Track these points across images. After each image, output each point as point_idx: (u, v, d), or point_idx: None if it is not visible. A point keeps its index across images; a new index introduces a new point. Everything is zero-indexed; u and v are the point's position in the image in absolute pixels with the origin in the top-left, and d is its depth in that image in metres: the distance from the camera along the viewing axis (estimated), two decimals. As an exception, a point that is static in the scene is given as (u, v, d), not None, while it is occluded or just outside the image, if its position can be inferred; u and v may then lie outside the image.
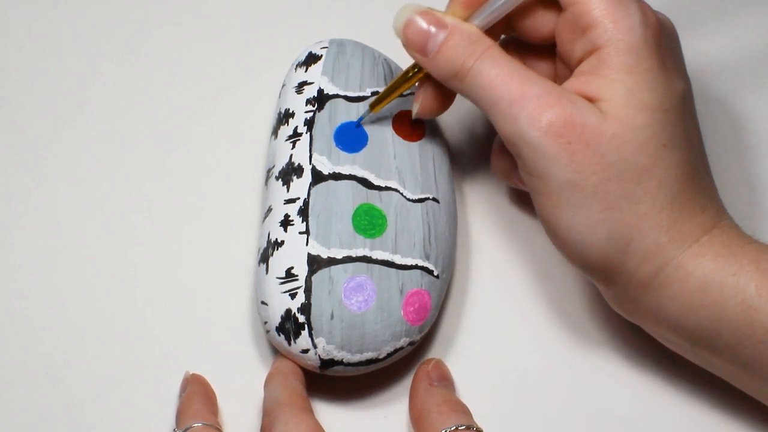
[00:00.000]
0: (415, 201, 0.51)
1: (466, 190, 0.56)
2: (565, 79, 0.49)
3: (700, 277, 0.46)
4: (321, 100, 0.53)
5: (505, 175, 0.54)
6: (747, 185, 0.56)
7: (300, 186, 0.51)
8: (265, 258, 0.50)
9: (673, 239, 0.46)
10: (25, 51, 0.60)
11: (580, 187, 0.46)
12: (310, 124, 0.52)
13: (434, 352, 0.52)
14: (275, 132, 0.54)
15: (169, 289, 0.53)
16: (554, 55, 0.51)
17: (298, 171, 0.51)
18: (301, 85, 0.54)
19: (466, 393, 0.51)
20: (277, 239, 0.50)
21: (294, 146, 0.52)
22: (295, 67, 0.55)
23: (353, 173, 0.51)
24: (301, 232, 0.49)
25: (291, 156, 0.52)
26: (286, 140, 0.52)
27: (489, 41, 0.48)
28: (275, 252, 0.49)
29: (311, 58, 0.55)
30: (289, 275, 0.49)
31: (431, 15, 0.49)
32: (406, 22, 0.49)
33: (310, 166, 0.51)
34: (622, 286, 0.48)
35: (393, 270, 0.49)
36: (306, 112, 0.53)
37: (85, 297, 0.53)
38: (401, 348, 0.49)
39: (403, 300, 0.49)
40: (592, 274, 0.48)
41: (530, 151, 0.46)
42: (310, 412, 0.48)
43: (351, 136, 0.52)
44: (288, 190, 0.51)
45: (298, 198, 0.50)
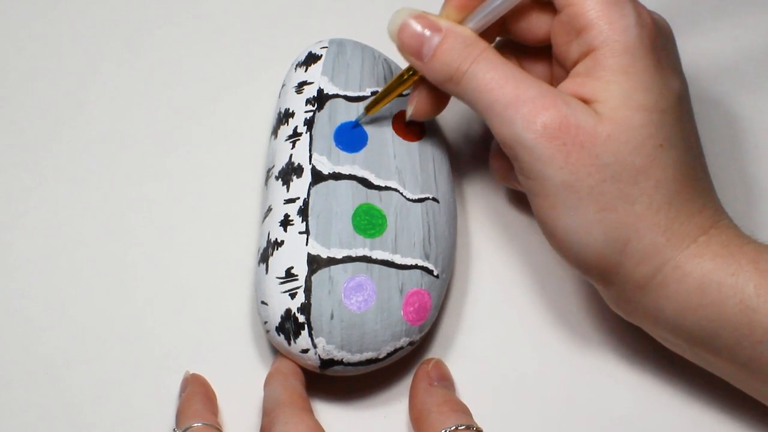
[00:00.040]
0: (415, 201, 0.51)
1: (466, 190, 0.56)
2: (561, 80, 0.49)
3: (698, 277, 0.46)
4: (321, 99, 0.53)
5: (504, 177, 0.54)
6: (745, 185, 0.56)
7: (300, 186, 0.51)
8: (265, 258, 0.50)
9: (671, 240, 0.46)
10: (25, 51, 0.60)
11: (575, 188, 0.46)
12: (310, 124, 0.52)
13: (434, 352, 0.52)
14: (275, 132, 0.54)
15: (169, 289, 0.53)
16: (550, 57, 0.51)
17: (298, 171, 0.51)
18: (301, 85, 0.54)
19: (466, 393, 0.51)
20: (277, 239, 0.50)
21: (294, 146, 0.52)
22: (295, 67, 0.55)
23: (353, 173, 0.51)
24: (300, 232, 0.49)
25: (291, 156, 0.52)
26: (286, 140, 0.52)
27: (484, 44, 0.48)
28: (275, 252, 0.49)
29: (311, 58, 0.55)
30: (289, 275, 0.49)
31: (426, 19, 0.48)
32: (401, 25, 0.49)
33: (310, 166, 0.51)
34: (620, 287, 0.48)
35: (393, 270, 0.49)
36: (306, 112, 0.53)
37: (85, 297, 0.53)
38: (401, 348, 0.49)
39: (403, 300, 0.49)
40: (590, 274, 0.48)
41: (526, 154, 0.46)
42: (310, 412, 0.48)
43: (351, 136, 0.52)
44: (288, 190, 0.51)
45: (298, 198, 0.50)
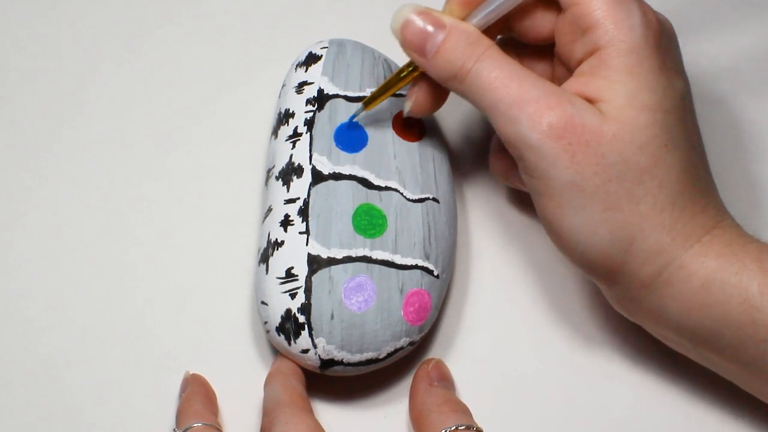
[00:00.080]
0: (415, 201, 0.51)
1: (466, 190, 0.56)
2: (562, 79, 0.49)
3: (702, 276, 0.46)
4: (321, 100, 0.53)
5: (505, 176, 0.54)
6: (747, 185, 0.56)
7: (300, 186, 0.51)
8: (265, 258, 0.50)
9: (676, 239, 0.46)
10: (25, 51, 0.60)
11: (581, 188, 0.46)
12: (310, 124, 0.52)
13: (434, 352, 0.52)
14: (275, 132, 0.54)
15: (169, 289, 0.53)
16: (551, 56, 0.51)
17: (298, 171, 0.51)
18: (301, 85, 0.54)
19: (466, 393, 0.51)
20: (277, 239, 0.50)
21: (294, 146, 0.52)
22: (295, 67, 0.55)
23: (353, 173, 0.51)
24: (301, 232, 0.49)
25: (291, 156, 0.52)
26: (286, 140, 0.52)
27: (488, 41, 0.48)
28: (275, 252, 0.49)
29: (311, 58, 0.55)
30: (289, 275, 0.49)
31: (430, 15, 0.48)
32: (404, 22, 0.48)
33: (310, 166, 0.51)
34: (625, 287, 0.48)
35: (393, 270, 0.49)
36: (306, 112, 0.53)
37: (85, 297, 0.53)
38: (401, 348, 0.49)
39: (403, 300, 0.49)
40: (595, 274, 0.48)
41: (531, 153, 0.46)
42: (310, 412, 0.48)
43: (351, 136, 0.52)
44: (288, 190, 0.51)
45: (298, 198, 0.50)
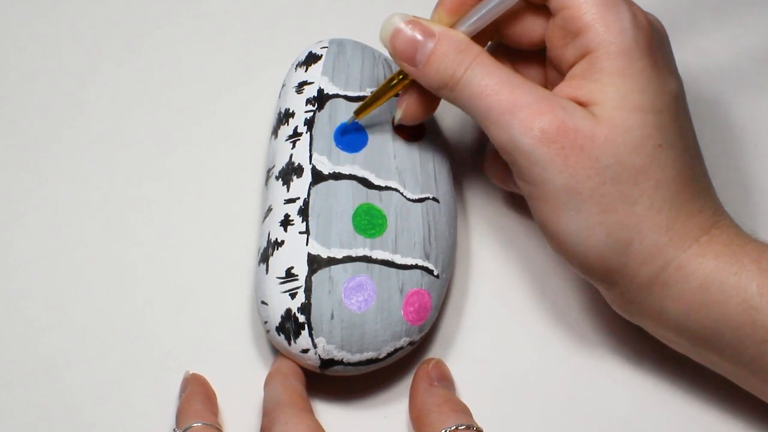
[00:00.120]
0: (415, 201, 0.51)
1: (466, 190, 0.56)
2: (555, 83, 0.48)
3: (701, 277, 0.46)
4: (321, 99, 0.53)
5: (501, 180, 0.54)
6: (744, 185, 0.56)
7: (300, 186, 0.51)
8: (265, 258, 0.50)
9: (673, 240, 0.46)
10: (25, 51, 0.60)
11: (575, 191, 0.46)
12: (310, 123, 0.52)
13: (434, 352, 0.52)
14: (275, 132, 0.54)
15: (169, 289, 0.53)
16: (543, 60, 0.51)
17: (298, 171, 0.51)
18: (301, 84, 0.54)
19: (466, 393, 0.51)
20: (277, 239, 0.50)
21: (294, 146, 0.52)
22: (295, 67, 0.55)
23: (353, 173, 0.51)
24: (301, 232, 0.49)
25: (291, 156, 0.52)
26: (286, 140, 0.52)
27: (477, 48, 0.48)
28: (275, 252, 0.49)
29: (311, 58, 0.55)
30: (289, 275, 0.49)
31: (418, 24, 0.48)
32: (394, 31, 0.48)
33: (310, 166, 0.51)
34: (624, 288, 0.48)
35: (393, 270, 0.49)
36: (306, 111, 0.53)
37: (85, 297, 0.53)
38: (401, 348, 0.49)
39: (403, 300, 0.49)
40: (593, 276, 0.48)
41: (524, 159, 0.46)
42: (310, 412, 0.48)
43: (351, 136, 0.52)
44: (288, 190, 0.51)
45: (298, 198, 0.50)
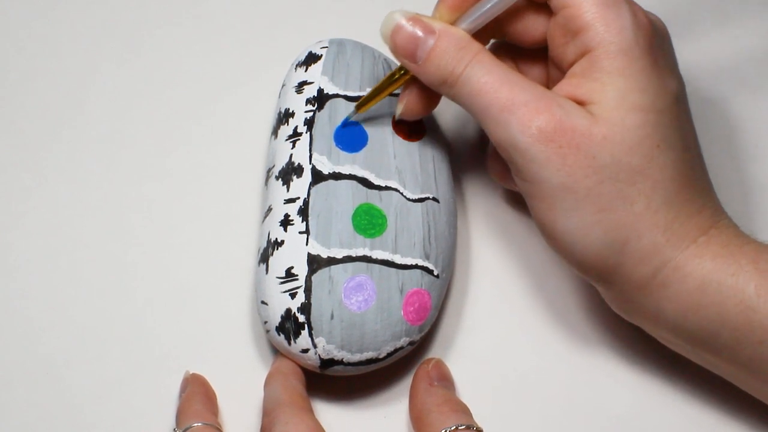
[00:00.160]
0: (415, 201, 0.51)
1: (465, 190, 0.56)
2: (557, 82, 0.48)
3: (698, 277, 0.46)
4: (321, 99, 0.53)
5: (502, 178, 0.54)
6: (744, 186, 0.56)
7: (300, 186, 0.51)
8: (265, 258, 0.50)
9: (671, 240, 0.46)
10: (25, 51, 0.60)
11: (572, 190, 0.46)
12: (310, 123, 0.52)
13: (434, 352, 0.52)
14: (275, 132, 0.54)
15: (169, 289, 0.53)
16: (546, 58, 0.51)
17: (298, 171, 0.51)
18: (301, 84, 0.54)
19: (466, 393, 0.51)
20: (277, 239, 0.50)
21: (294, 146, 0.52)
22: (295, 66, 0.55)
23: (353, 173, 0.51)
24: (301, 232, 0.49)
25: (291, 156, 0.52)
26: (286, 140, 0.52)
27: (478, 46, 0.48)
28: (275, 252, 0.49)
29: (311, 58, 0.55)
30: (289, 275, 0.49)
31: (419, 20, 0.48)
32: (394, 28, 0.48)
33: (310, 166, 0.51)
34: (621, 288, 0.48)
35: (393, 270, 0.49)
36: (306, 111, 0.53)
37: (85, 297, 0.53)
38: (401, 348, 0.49)
39: (403, 300, 0.49)
40: (590, 275, 0.48)
41: (521, 157, 0.46)
42: (310, 412, 0.48)
43: (351, 136, 0.52)
44: (288, 190, 0.51)
45: (298, 198, 0.50)
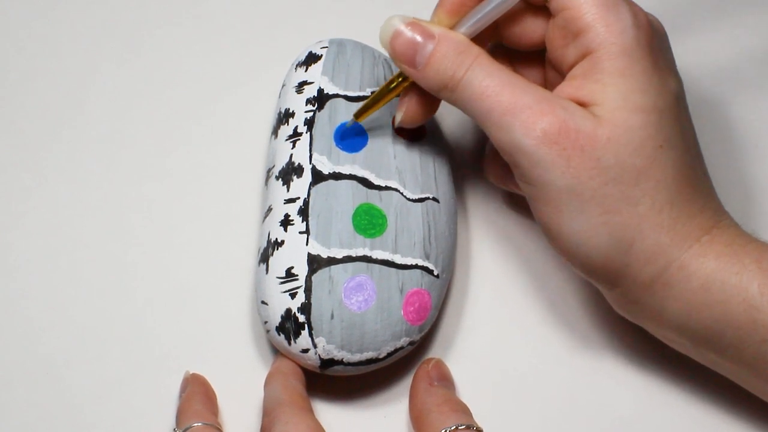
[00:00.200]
0: (415, 201, 0.51)
1: (466, 190, 0.56)
2: (554, 84, 0.48)
3: (702, 277, 0.46)
4: (321, 99, 0.53)
5: (500, 180, 0.54)
6: (744, 186, 0.56)
7: (300, 186, 0.51)
8: (265, 258, 0.50)
9: (675, 239, 0.46)
10: (25, 51, 0.60)
11: (577, 192, 0.46)
12: (310, 123, 0.52)
13: (434, 352, 0.52)
14: (275, 132, 0.54)
15: (169, 289, 0.53)
16: (543, 61, 0.51)
17: (298, 171, 0.51)
18: (301, 84, 0.54)
19: (466, 393, 0.51)
20: (277, 239, 0.50)
21: (294, 146, 0.52)
22: (295, 66, 0.55)
23: (353, 173, 0.51)
24: (301, 232, 0.49)
25: (291, 156, 0.52)
26: (286, 140, 0.52)
27: (477, 50, 0.48)
28: (275, 252, 0.49)
29: (311, 58, 0.55)
30: (289, 275, 0.49)
31: (418, 25, 0.48)
32: (393, 33, 0.48)
33: (310, 166, 0.51)
34: (625, 288, 0.48)
35: (393, 270, 0.49)
36: (306, 111, 0.53)
37: (85, 297, 0.53)
38: (401, 348, 0.49)
39: (403, 300, 0.49)
40: (595, 277, 0.48)
41: (526, 160, 0.46)
42: (310, 411, 0.48)
43: (351, 136, 0.52)
44: (288, 190, 0.51)
45: (298, 198, 0.50)
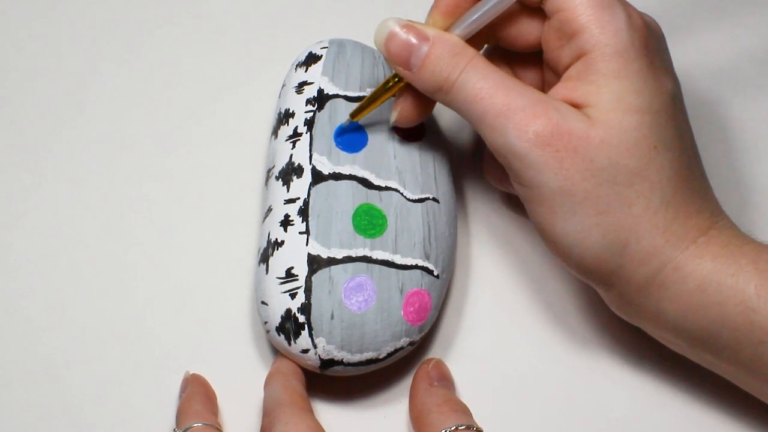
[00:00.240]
0: (415, 201, 0.51)
1: (466, 191, 0.56)
2: (553, 85, 0.48)
3: (698, 278, 0.46)
4: (321, 100, 0.53)
5: (499, 182, 0.54)
6: (742, 186, 0.56)
7: (300, 186, 0.51)
8: (265, 258, 0.50)
9: (670, 241, 0.46)
10: (25, 51, 0.60)
11: (571, 193, 0.46)
12: (310, 124, 0.52)
13: (434, 352, 0.52)
14: (275, 132, 0.54)
15: (169, 289, 0.53)
16: (541, 62, 0.50)
17: (298, 171, 0.51)
18: (301, 85, 0.54)
19: (466, 393, 0.51)
20: (277, 239, 0.50)
21: (294, 146, 0.52)
22: (295, 67, 0.55)
23: (353, 173, 0.51)
24: (301, 232, 0.49)
25: (291, 156, 0.52)
26: (286, 140, 0.52)
27: (472, 51, 0.48)
28: (275, 252, 0.49)
29: (311, 58, 0.55)
30: (289, 275, 0.49)
31: (413, 27, 0.48)
32: (388, 35, 0.48)
33: (310, 166, 0.51)
34: (621, 290, 0.48)
35: (393, 270, 0.49)
36: (306, 112, 0.53)
37: (85, 297, 0.53)
38: (401, 348, 0.49)
39: (403, 300, 0.49)
40: (591, 278, 0.48)
41: (519, 162, 0.46)
42: (310, 412, 0.48)
43: (351, 136, 0.52)
44: (288, 190, 0.51)
45: (298, 198, 0.50)
